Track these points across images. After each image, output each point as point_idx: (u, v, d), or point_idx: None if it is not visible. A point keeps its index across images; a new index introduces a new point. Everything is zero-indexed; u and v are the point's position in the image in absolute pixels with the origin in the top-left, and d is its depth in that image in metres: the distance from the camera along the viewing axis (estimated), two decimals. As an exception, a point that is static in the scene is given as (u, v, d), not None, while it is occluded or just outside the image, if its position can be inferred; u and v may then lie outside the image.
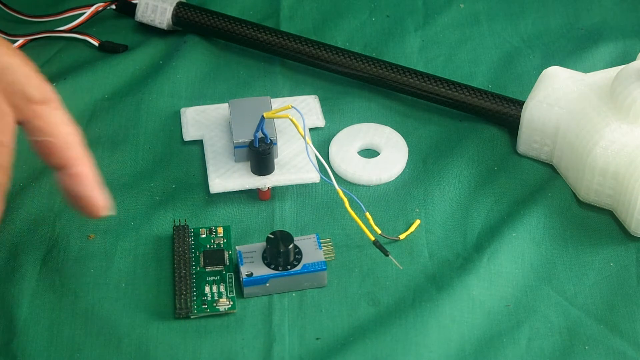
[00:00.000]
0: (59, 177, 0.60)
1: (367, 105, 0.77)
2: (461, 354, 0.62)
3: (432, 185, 0.71)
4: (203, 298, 0.64)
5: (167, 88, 0.78)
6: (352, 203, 0.66)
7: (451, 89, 0.75)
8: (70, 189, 0.60)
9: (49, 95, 0.59)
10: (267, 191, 0.70)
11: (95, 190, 0.60)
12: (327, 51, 0.77)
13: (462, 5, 0.85)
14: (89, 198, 0.60)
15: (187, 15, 0.81)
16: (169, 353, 0.62)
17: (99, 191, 0.60)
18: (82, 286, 0.65)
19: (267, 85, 0.79)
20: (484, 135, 0.75)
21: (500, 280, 0.65)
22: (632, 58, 0.76)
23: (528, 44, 0.82)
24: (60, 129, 0.59)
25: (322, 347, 0.62)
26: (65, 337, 0.63)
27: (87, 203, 0.60)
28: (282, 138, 0.72)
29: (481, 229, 0.69)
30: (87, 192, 0.59)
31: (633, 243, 0.68)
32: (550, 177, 0.72)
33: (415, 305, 0.64)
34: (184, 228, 0.67)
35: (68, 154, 0.59)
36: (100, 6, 0.83)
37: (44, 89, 0.58)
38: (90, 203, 0.60)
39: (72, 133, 0.59)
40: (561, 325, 0.64)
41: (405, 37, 0.83)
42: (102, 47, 0.81)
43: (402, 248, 0.67)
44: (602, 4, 0.85)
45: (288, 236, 0.65)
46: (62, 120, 0.59)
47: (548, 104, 0.70)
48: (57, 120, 0.59)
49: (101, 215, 0.60)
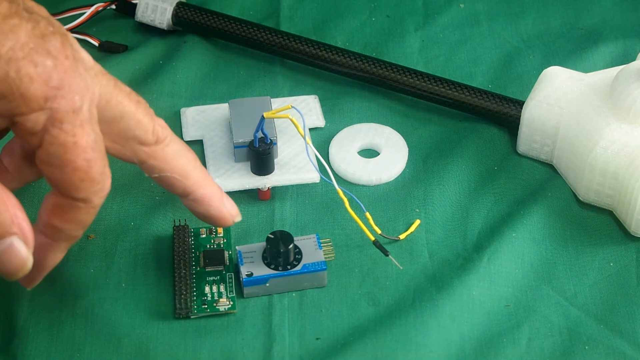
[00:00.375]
0: (184, 202, 0.61)
1: (367, 105, 0.77)
2: (461, 354, 0.62)
3: (432, 185, 0.71)
4: (203, 298, 0.64)
5: (167, 88, 0.78)
6: (352, 203, 0.66)
7: (451, 89, 0.75)
8: (196, 212, 0.62)
9: (161, 135, 0.59)
10: (267, 191, 0.70)
11: (219, 207, 0.61)
12: (327, 51, 0.77)
13: (462, 5, 0.85)
14: (214, 216, 0.62)
15: (187, 15, 0.81)
16: (169, 353, 0.62)
17: (223, 206, 0.62)
18: (82, 286, 0.65)
19: (267, 85, 0.79)
20: (484, 135, 0.75)
21: (500, 280, 0.65)
22: (632, 58, 0.76)
23: (528, 44, 0.82)
24: (175, 163, 0.60)
25: (322, 347, 0.62)
26: (65, 337, 0.63)
27: (215, 220, 0.62)
28: (282, 138, 0.72)
29: (481, 229, 0.69)
30: (212, 212, 0.61)
31: (633, 243, 0.68)
32: (550, 177, 0.72)
33: (415, 305, 0.64)
34: (184, 228, 0.67)
35: (186, 184, 0.60)
36: (100, 6, 0.83)
37: (155, 131, 0.58)
38: (217, 219, 0.62)
39: (187, 162, 0.60)
40: (561, 325, 0.64)
41: (405, 37, 0.83)
42: (102, 47, 0.81)
43: (402, 248, 0.67)
44: (602, 4, 0.85)
45: (288, 236, 0.65)
46: (176, 154, 0.60)
47: (548, 104, 0.70)
48: (170, 156, 0.59)
49: (232, 223, 0.62)
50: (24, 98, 0.53)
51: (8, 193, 0.55)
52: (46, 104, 0.53)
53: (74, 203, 0.56)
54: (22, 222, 0.55)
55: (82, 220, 0.57)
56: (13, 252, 0.55)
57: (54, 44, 0.53)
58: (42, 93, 0.53)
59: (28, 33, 0.53)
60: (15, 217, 0.55)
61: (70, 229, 0.57)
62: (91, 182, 0.55)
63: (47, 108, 0.53)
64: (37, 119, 0.53)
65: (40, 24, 0.53)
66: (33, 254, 0.56)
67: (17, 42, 0.52)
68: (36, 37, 0.53)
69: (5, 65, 0.52)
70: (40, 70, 0.53)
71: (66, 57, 0.54)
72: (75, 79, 0.54)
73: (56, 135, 0.53)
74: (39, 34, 0.53)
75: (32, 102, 0.53)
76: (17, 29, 0.52)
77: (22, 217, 0.55)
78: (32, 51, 0.52)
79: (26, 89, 0.52)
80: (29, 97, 0.53)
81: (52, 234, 0.57)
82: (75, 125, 0.54)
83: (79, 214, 0.56)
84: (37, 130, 0.53)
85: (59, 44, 0.54)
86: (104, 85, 0.56)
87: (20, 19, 0.53)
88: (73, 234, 0.57)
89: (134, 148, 0.58)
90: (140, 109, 0.58)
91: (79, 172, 0.54)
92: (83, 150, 0.54)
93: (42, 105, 0.53)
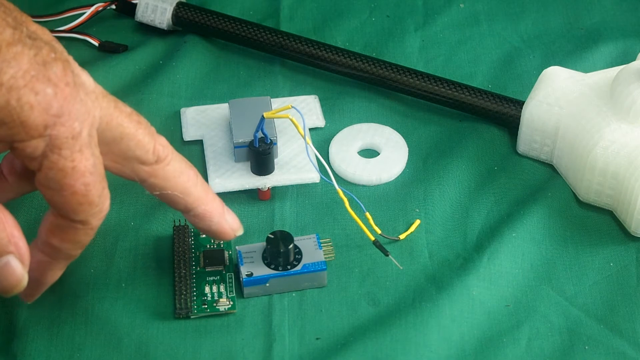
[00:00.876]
0: (186, 216, 0.62)
1: (367, 105, 0.77)
2: (461, 354, 0.62)
3: (432, 185, 0.71)
4: (203, 298, 0.64)
5: (167, 88, 0.78)
6: (352, 203, 0.66)
7: (451, 89, 0.75)
8: (198, 227, 0.63)
9: (162, 154, 0.59)
10: (267, 191, 0.70)
11: (220, 222, 0.62)
12: (327, 51, 0.77)
13: (462, 5, 0.85)
14: (216, 230, 0.63)
15: (187, 15, 0.81)
16: (169, 353, 0.62)
17: (224, 221, 0.63)
18: (82, 286, 0.65)
19: (267, 85, 0.79)
20: (484, 135, 0.75)
21: (500, 280, 0.65)
22: (632, 58, 0.76)
23: (528, 44, 0.82)
24: (176, 181, 0.60)
25: (322, 347, 0.62)
26: (65, 337, 0.63)
27: (216, 234, 0.63)
28: (282, 138, 0.72)
29: (481, 229, 0.69)
30: (213, 227, 0.62)
31: (633, 243, 0.68)
32: (550, 177, 0.72)
33: (415, 305, 0.64)
34: (184, 228, 0.67)
35: (187, 201, 0.61)
36: (100, 6, 0.83)
37: (156, 150, 0.59)
38: (218, 234, 0.63)
39: (186, 180, 0.61)
40: (561, 325, 0.64)
41: (405, 37, 0.83)
42: (102, 47, 0.81)
43: (402, 248, 0.67)
44: (602, 4, 0.85)
45: (288, 236, 0.65)
46: (176, 171, 0.60)
47: (548, 104, 0.70)
48: (171, 175, 0.60)
49: (234, 237, 0.64)
50: (24, 126, 0.53)
51: (5, 212, 0.56)
52: (45, 132, 0.53)
53: (72, 224, 0.56)
54: (19, 241, 0.56)
55: (80, 241, 0.58)
56: (9, 270, 0.56)
57: (55, 71, 0.54)
58: (42, 121, 0.53)
59: (30, 60, 0.53)
60: (12, 237, 0.55)
61: (68, 248, 0.58)
62: (89, 205, 0.56)
63: (46, 135, 0.53)
64: (37, 145, 0.53)
65: (42, 51, 0.54)
66: (32, 270, 0.57)
67: (19, 69, 0.52)
68: (38, 65, 0.53)
69: (7, 93, 0.52)
70: (41, 98, 0.53)
71: (67, 84, 0.54)
72: (75, 105, 0.54)
73: (55, 160, 0.54)
74: (41, 61, 0.53)
75: (32, 129, 0.53)
76: (20, 57, 0.53)
77: (19, 237, 0.56)
78: (33, 79, 0.53)
79: (26, 117, 0.53)
80: (29, 125, 0.53)
81: (51, 252, 0.58)
82: (74, 151, 0.54)
83: (77, 234, 0.57)
84: (37, 156, 0.54)
85: (60, 71, 0.54)
86: (104, 107, 0.56)
87: (23, 46, 0.53)
88: (71, 253, 0.58)
89: (134, 167, 0.59)
90: (141, 129, 0.58)
91: (77, 195, 0.55)
92: (82, 174, 0.55)
93: (41, 133, 0.53)
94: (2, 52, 0.52)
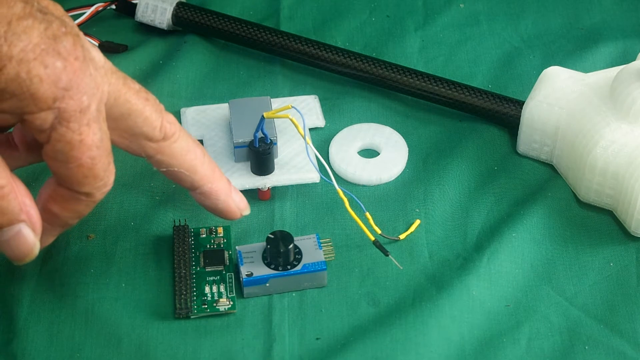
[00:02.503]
0: (192, 194, 0.63)
1: (367, 105, 0.77)
2: (461, 354, 0.62)
3: (432, 185, 0.71)
4: (203, 298, 0.64)
5: (167, 88, 0.78)
6: (352, 203, 0.66)
7: (451, 89, 0.75)
8: (205, 205, 0.64)
9: (169, 131, 0.60)
10: (267, 191, 0.70)
11: (227, 201, 0.63)
12: (327, 51, 0.77)
13: (462, 5, 0.85)
14: (222, 209, 0.63)
15: (187, 15, 0.81)
16: (169, 353, 0.62)
17: (231, 199, 0.63)
18: (82, 286, 0.65)
19: (267, 85, 0.79)
20: (484, 135, 0.75)
21: (500, 280, 0.66)
22: (632, 58, 0.76)
23: (528, 44, 0.82)
24: (183, 158, 0.61)
25: (322, 347, 0.62)
26: (65, 337, 0.63)
27: (223, 213, 0.64)
28: (282, 138, 0.72)
29: (481, 229, 0.69)
30: (220, 205, 0.63)
31: (633, 243, 0.68)
32: (550, 177, 0.72)
33: (415, 305, 0.64)
34: (184, 228, 0.67)
35: (194, 178, 0.62)
36: (100, 6, 0.83)
37: (163, 127, 0.59)
38: (225, 212, 0.64)
39: (194, 157, 0.61)
40: (561, 325, 0.64)
41: (405, 37, 0.83)
42: (102, 47, 0.81)
43: (402, 248, 0.67)
44: (602, 4, 0.85)
45: (288, 236, 0.65)
46: (183, 149, 0.61)
47: (548, 104, 0.70)
48: (178, 152, 0.61)
49: (240, 216, 0.64)
50: (34, 98, 0.54)
51: (17, 181, 0.56)
52: (54, 104, 0.54)
53: (75, 195, 0.57)
54: (31, 209, 0.56)
55: (80, 211, 0.58)
56: (21, 238, 0.56)
57: (65, 45, 0.54)
58: (51, 94, 0.54)
59: (40, 34, 0.53)
60: (23, 205, 0.56)
61: (67, 217, 0.58)
62: (94, 178, 0.57)
63: (55, 108, 0.54)
64: (46, 117, 0.54)
65: (52, 25, 0.54)
66: None
67: (29, 43, 0.53)
68: (48, 39, 0.54)
69: (17, 65, 0.53)
70: (50, 71, 0.53)
71: (76, 58, 0.54)
72: (84, 79, 0.55)
73: (63, 133, 0.55)
74: (51, 35, 0.54)
75: (41, 102, 0.54)
76: (30, 30, 0.53)
77: (31, 205, 0.56)
78: (43, 52, 0.53)
79: (36, 90, 0.53)
80: (39, 97, 0.54)
81: (48, 218, 0.58)
82: (82, 124, 0.55)
83: (79, 205, 0.58)
84: (45, 128, 0.54)
85: (70, 45, 0.54)
86: (113, 83, 0.57)
87: (34, 20, 0.54)
88: (69, 222, 0.59)
89: (141, 144, 0.60)
90: (149, 106, 0.59)
91: (83, 168, 0.56)
92: (88, 148, 0.55)
93: (50, 105, 0.54)
94: (13, 26, 0.53)
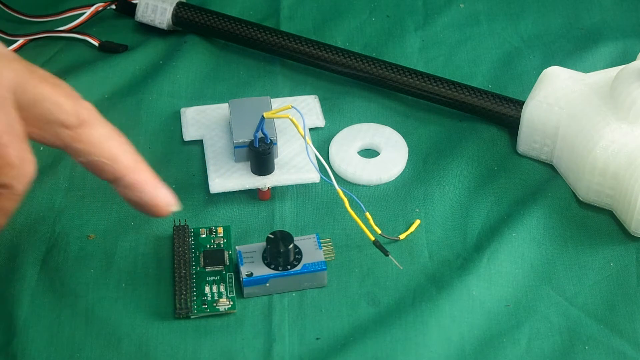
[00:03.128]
0: (116, 189, 0.59)
1: (367, 105, 0.77)
2: (461, 354, 0.62)
3: (432, 185, 0.71)
4: (203, 298, 0.64)
5: (167, 88, 0.78)
6: (352, 203, 0.66)
7: (451, 89, 0.75)
8: (129, 199, 0.59)
9: (84, 116, 0.57)
10: (267, 191, 0.70)
11: (152, 193, 0.59)
12: (327, 51, 0.77)
13: (462, 5, 0.85)
14: (147, 203, 0.59)
15: (187, 15, 0.81)
16: (169, 353, 0.62)
17: (156, 192, 0.59)
18: (82, 286, 0.65)
19: (267, 85, 0.79)
20: (484, 135, 0.75)
21: (500, 280, 0.66)
22: (632, 58, 0.76)
23: (528, 44, 0.82)
24: (103, 146, 0.58)
25: (322, 347, 0.62)
26: (65, 337, 0.63)
27: (148, 208, 0.60)
28: (282, 138, 0.72)
29: (481, 229, 0.69)
30: (144, 198, 0.59)
31: (633, 243, 0.68)
32: (550, 177, 0.72)
33: (415, 305, 0.64)
34: (184, 228, 0.67)
35: (115, 167, 0.58)
36: (100, 6, 0.83)
37: (78, 112, 0.57)
38: (150, 207, 0.59)
39: (115, 146, 0.58)
40: (561, 325, 0.64)
41: (405, 37, 0.83)
42: (102, 47, 0.81)
43: (402, 248, 0.67)
44: (602, 4, 0.85)
45: (288, 236, 0.65)
46: (103, 136, 0.58)
47: (548, 104, 0.70)
48: (96, 139, 0.58)
49: (168, 213, 0.60)
50: None
51: None
52: None
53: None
54: None
55: (3, 207, 0.56)
56: None
57: None
58: None
59: None
60: None
61: None
62: (9, 167, 0.54)
63: None
64: None
65: None
66: None
67: None
68: None
69: None
70: None
71: None
72: None
73: None
74: None
75: None
76: None
77: None
78: None
79: None
80: None
81: None
82: None
83: (1, 200, 0.56)
84: None
85: None
86: (17, 70, 0.55)
87: None
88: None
89: (57, 131, 0.57)
90: (59, 92, 0.57)
91: None
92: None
93: None
94: None
